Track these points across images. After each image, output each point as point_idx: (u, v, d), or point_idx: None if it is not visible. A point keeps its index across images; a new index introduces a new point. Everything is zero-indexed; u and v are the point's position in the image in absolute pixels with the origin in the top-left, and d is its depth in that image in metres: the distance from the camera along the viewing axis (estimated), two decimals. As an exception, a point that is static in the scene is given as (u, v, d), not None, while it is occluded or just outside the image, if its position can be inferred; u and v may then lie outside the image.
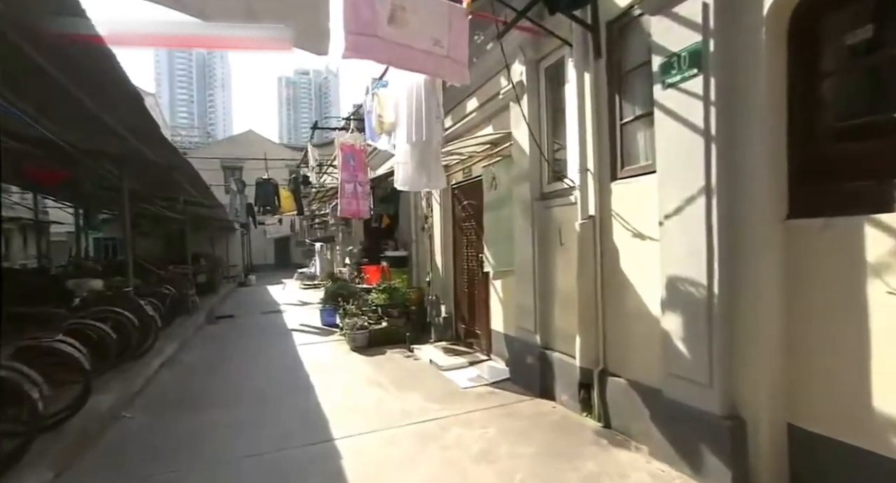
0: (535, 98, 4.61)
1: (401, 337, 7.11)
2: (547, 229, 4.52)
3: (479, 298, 6.24)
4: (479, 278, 6.15)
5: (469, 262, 6.44)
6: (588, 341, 3.81)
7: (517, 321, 4.97)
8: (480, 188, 5.90)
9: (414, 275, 8.39)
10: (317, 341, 7.72)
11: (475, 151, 5.93)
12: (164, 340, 7.10)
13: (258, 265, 25.59)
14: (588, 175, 3.82)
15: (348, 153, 6.91)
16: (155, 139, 5.31)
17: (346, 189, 6.87)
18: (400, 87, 3.98)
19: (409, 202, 8.60)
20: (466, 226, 6.49)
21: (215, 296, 14.01)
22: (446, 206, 7.00)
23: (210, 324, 10.07)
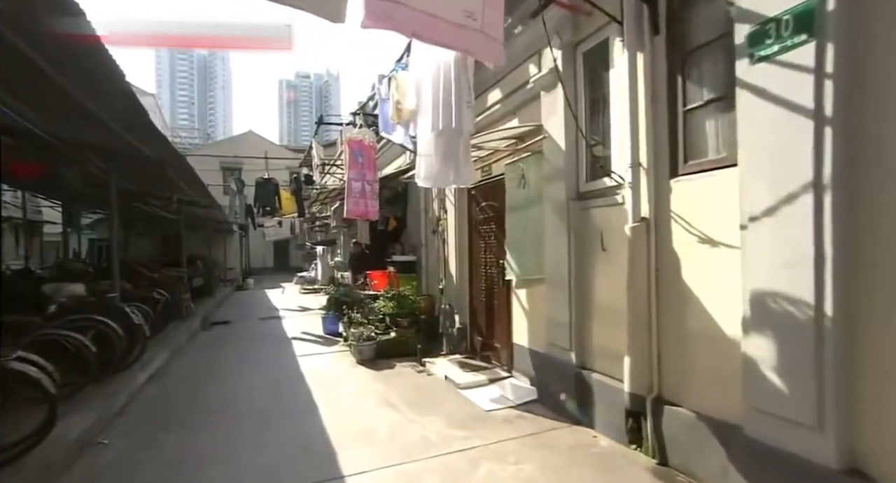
0: (572, 86, 4.11)
1: (410, 349, 6.57)
2: (585, 233, 4.00)
3: (498, 309, 5.71)
4: (499, 287, 5.63)
5: (487, 268, 5.92)
6: (639, 363, 3.28)
7: (547, 336, 4.44)
8: (502, 188, 5.39)
9: (423, 281, 7.86)
10: (319, 352, 7.17)
11: (497, 148, 5.43)
12: (154, 349, 6.54)
13: (256, 268, 25.03)
14: (640, 171, 3.31)
15: (356, 149, 6.40)
16: (145, 130, 4.80)
17: (353, 188, 6.35)
18: (424, 68, 3.48)
19: (419, 204, 8.09)
20: (485, 229, 5.97)
21: (211, 300, 13.45)
22: (462, 208, 6.49)
23: (205, 330, 9.52)
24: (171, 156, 5.72)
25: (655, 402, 3.23)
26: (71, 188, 6.99)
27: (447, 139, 3.40)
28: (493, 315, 5.86)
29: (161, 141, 5.23)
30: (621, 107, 3.52)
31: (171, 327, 8.26)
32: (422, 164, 3.55)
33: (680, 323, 3.09)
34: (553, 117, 4.28)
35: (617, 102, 3.64)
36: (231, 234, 21.79)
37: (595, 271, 3.91)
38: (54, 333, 4.20)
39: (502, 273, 5.46)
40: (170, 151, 5.54)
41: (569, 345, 4.12)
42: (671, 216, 3.16)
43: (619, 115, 3.59)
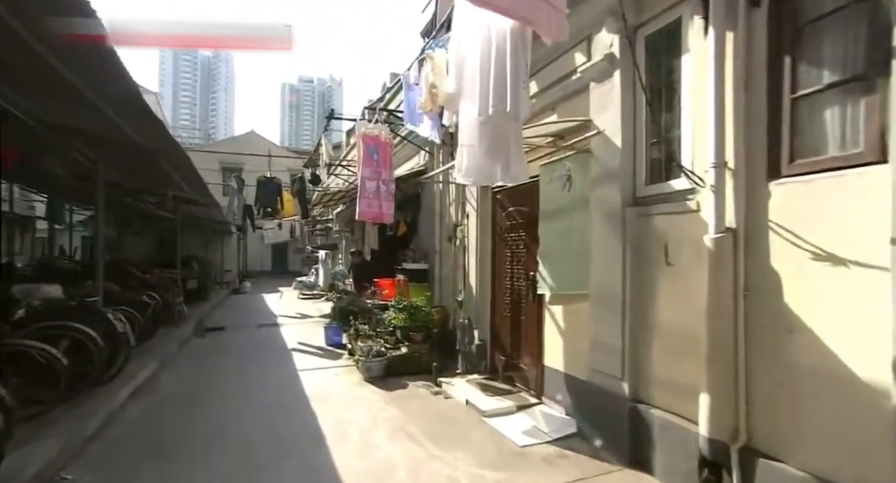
0: (630, 75, 3.58)
1: (424, 366, 5.97)
2: (645, 244, 3.44)
3: (526, 326, 5.13)
4: (528, 301, 5.06)
5: (514, 280, 5.34)
6: (721, 403, 2.70)
7: (591, 360, 3.86)
8: (533, 191, 4.84)
9: (436, 292, 7.28)
10: (321, 366, 6.56)
11: (530, 147, 4.89)
12: (141, 359, 5.92)
13: (254, 271, 24.37)
14: (726, 172, 2.76)
15: (371, 146, 5.85)
16: (138, 115, 4.24)
17: (367, 188, 5.79)
18: (470, 44, 2.93)
19: (433, 208, 7.53)
20: (512, 237, 5.40)
21: (206, 303, 12.81)
22: (485, 213, 5.93)
23: (198, 337, 8.88)
24: (166, 145, 5.15)
25: (744, 452, 2.65)
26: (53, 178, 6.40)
27: (496, 126, 2.84)
28: (519, 332, 5.27)
29: (156, 128, 4.67)
30: (699, 97, 2.98)
31: (161, 334, 7.64)
32: (463, 156, 2.99)
33: (782, 358, 2.52)
34: (606, 112, 3.74)
35: (691, 93, 3.11)
36: (229, 235, 21.17)
37: (657, 289, 3.35)
38: (20, 344, 3.60)
39: (532, 286, 4.89)
40: (166, 140, 4.98)
41: (620, 373, 3.54)
42: (769, 226, 2.60)
43: (695, 107, 3.06)
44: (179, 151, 5.42)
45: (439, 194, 7.39)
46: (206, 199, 9.25)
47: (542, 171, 4.64)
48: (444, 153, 7.20)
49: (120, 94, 3.71)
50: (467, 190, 6.29)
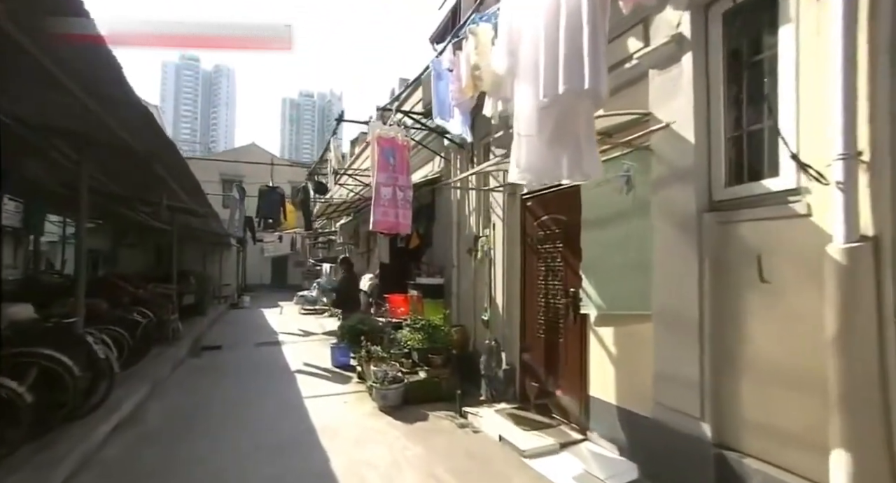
0: (703, 58, 3.05)
1: (445, 393, 5.36)
2: (728, 257, 2.87)
3: (565, 349, 4.52)
4: (568, 321, 4.46)
5: (550, 297, 4.76)
6: (866, 463, 2.10)
7: (658, 394, 3.25)
8: (572, 197, 4.30)
9: (454, 309, 6.67)
10: (329, 392, 5.92)
11: None
12: (129, 384, 5.31)
13: (253, 285, 23.72)
14: (858, 167, 2.20)
15: (387, 148, 5.31)
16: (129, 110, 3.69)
17: (382, 195, 5.23)
18: (528, 12, 2.39)
19: (449, 217, 6.97)
20: (546, 249, 4.83)
21: (203, 319, 12.16)
22: (513, 223, 5.36)
23: (194, 357, 8.24)
24: (161, 147, 4.60)
25: (897, 527, 2.03)
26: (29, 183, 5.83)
27: (564, 110, 2.28)
28: (556, 356, 4.66)
29: (149, 128, 4.12)
30: (811, 77, 2.45)
31: (154, 354, 7.01)
32: (521, 149, 2.42)
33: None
34: (672, 102, 3.20)
35: (797, 72, 2.57)
36: (228, 248, 20.59)
37: (748, 312, 2.76)
38: (-25, 377, 3.00)
39: (574, 304, 4.31)
40: (160, 141, 4.43)
41: (698, 411, 2.93)
42: (925, 233, 2.03)
43: (805, 89, 2.51)
44: (176, 155, 4.86)
45: (456, 203, 6.84)
46: (205, 209, 8.69)
47: (584, 175, 4.09)
48: (463, 158, 6.67)
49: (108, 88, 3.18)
50: (492, 197, 5.74)
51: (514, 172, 2.48)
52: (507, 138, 5.43)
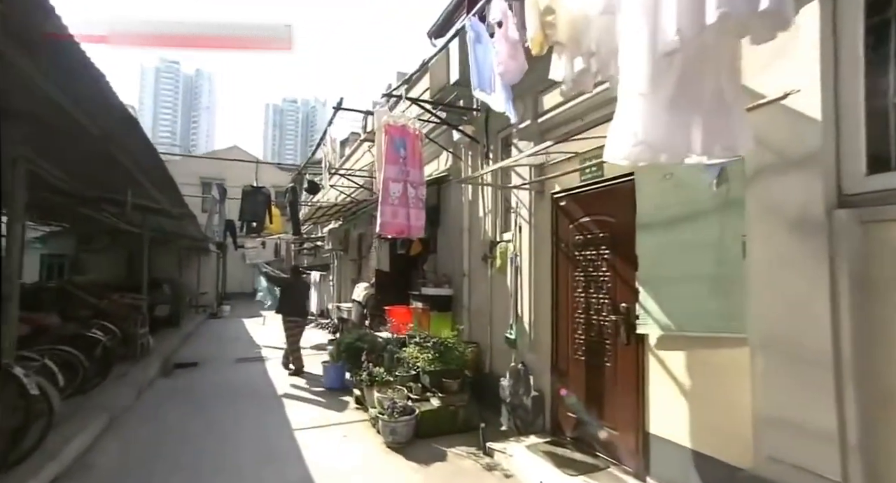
0: (830, 11, 2.39)
1: (461, 424, 4.60)
2: (878, 267, 2.18)
3: (614, 375, 3.79)
4: (618, 342, 3.74)
5: (592, 313, 4.03)
6: None
7: (769, 444, 2.53)
8: (624, 194, 3.64)
9: (465, 323, 5.90)
10: (325, 422, 5.07)
11: None
12: (80, 417, 4.39)
13: (233, 293, 22.48)
14: None
15: (397, 139, 4.57)
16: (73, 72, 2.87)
17: (391, 192, 4.48)
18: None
19: (459, 220, 6.22)
20: (587, 256, 4.12)
21: (178, 332, 11.12)
22: (542, 226, 4.65)
23: (165, 376, 7.27)
24: (124, 131, 3.76)
25: None
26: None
27: (695, 57, 1.57)
28: (600, 382, 3.93)
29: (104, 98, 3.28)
30: None
31: (116, 375, 6.05)
32: (636, 114, 1.68)
33: None
34: (783, 70, 2.52)
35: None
36: (207, 253, 19.44)
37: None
38: None
39: (627, 322, 3.61)
40: (122, 123, 3.59)
41: (839, 473, 2.22)
42: None
43: None
44: (141, 140, 4.01)
45: (468, 205, 6.10)
46: (180, 210, 7.78)
47: (640, 166, 3.41)
48: (475, 154, 5.96)
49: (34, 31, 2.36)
50: (514, 197, 5.02)
51: (623, 148, 1.74)
52: (533, 128, 4.74)
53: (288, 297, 7.71)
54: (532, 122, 4.66)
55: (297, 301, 7.74)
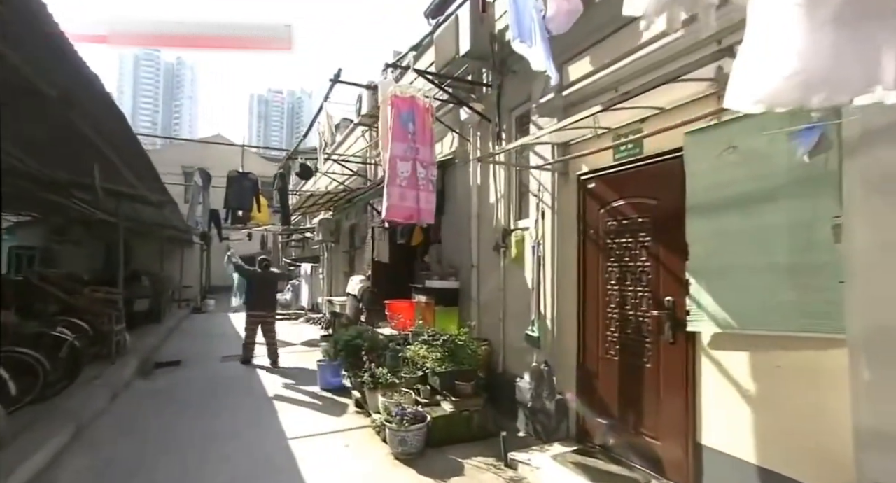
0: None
1: (476, 431, 4.15)
2: None
3: (655, 377, 3.36)
4: (660, 340, 3.31)
5: (628, 308, 3.59)
6: None
7: (879, 464, 2.10)
8: (668, 172, 3.21)
9: (475, 319, 5.44)
10: (323, 429, 4.56)
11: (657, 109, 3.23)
12: (40, 427, 3.83)
13: (218, 287, 21.68)
14: None
15: (405, 113, 4.06)
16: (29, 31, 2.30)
17: (398, 172, 3.97)
18: None
19: (467, 206, 5.73)
20: (622, 244, 3.67)
21: (159, 328, 10.47)
22: (566, 211, 4.18)
23: (144, 377, 6.69)
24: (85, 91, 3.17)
25: None
26: None
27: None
28: (638, 385, 3.49)
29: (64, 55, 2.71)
30: None
31: (87, 378, 5.47)
32: (784, 36, 1.20)
33: None
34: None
35: None
36: (190, 246, 18.65)
37: None
38: None
39: (672, 318, 3.17)
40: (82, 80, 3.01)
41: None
42: None
43: None
44: (105, 100, 3.41)
45: (476, 189, 5.61)
46: (160, 196, 7.14)
47: (691, 140, 2.96)
48: (485, 134, 5.47)
49: None
50: (534, 179, 4.54)
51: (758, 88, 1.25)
52: (557, 102, 4.25)
53: (256, 291, 7.54)
54: (556, 96, 4.17)
55: (267, 293, 7.63)
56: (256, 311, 7.45)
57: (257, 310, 7.47)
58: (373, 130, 9.33)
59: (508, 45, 5.19)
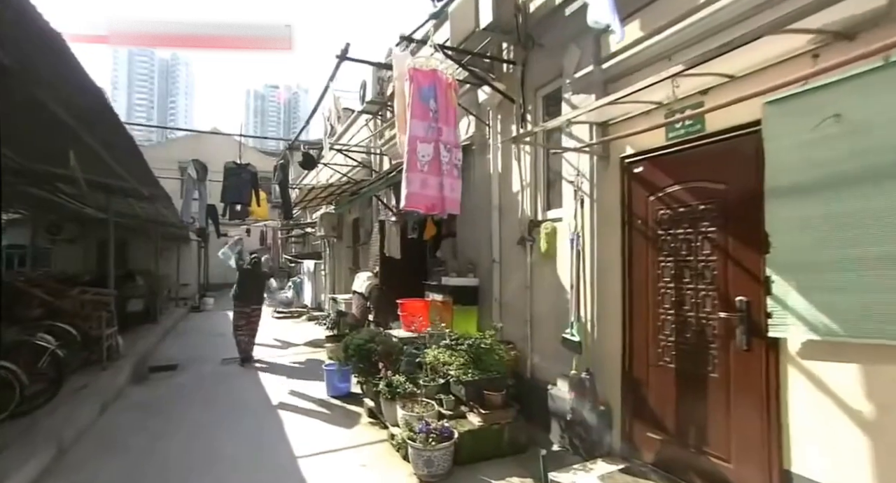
0: None
1: (507, 446, 3.70)
2: None
3: (723, 389, 2.90)
4: (732, 346, 2.84)
5: (688, 308, 3.12)
6: None
7: None
8: (734, 152, 2.80)
9: (496, 319, 4.98)
10: (335, 445, 4.10)
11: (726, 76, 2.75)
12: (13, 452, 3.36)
13: (217, 285, 21.20)
14: None
15: (425, 88, 3.56)
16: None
17: (419, 155, 3.49)
18: None
19: (486, 195, 5.25)
20: (676, 235, 3.19)
21: (156, 328, 9.99)
22: (606, 198, 3.70)
23: (137, 383, 6.23)
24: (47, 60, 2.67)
25: None
26: None
27: None
28: (702, 398, 3.03)
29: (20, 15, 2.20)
30: None
31: (74, 387, 5.00)
32: None
33: None
34: None
35: None
36: (187, 243, 18.14)
37: None
38: None
39: (747, 321, 2.71)
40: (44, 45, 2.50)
41: None
42: None
43: None
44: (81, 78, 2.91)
45: (498, 177, 5.13)
46: (152, 189, 6.64)
47: (773, 111, 2.48)
48: (506, 116, 4.99)
49: None
50: (566, 164, 4.06)
51: None
52: (595, 76, 3.76)
53: (247, 283, 7.70)
54: (594, 69, 3.68)
55: (255, 288, 7.81)
56: (240, 304, 7.58)
57: (241, 302, 7.59)
58: (378, 119, 8.82)
59: (534, 16, 4.77)
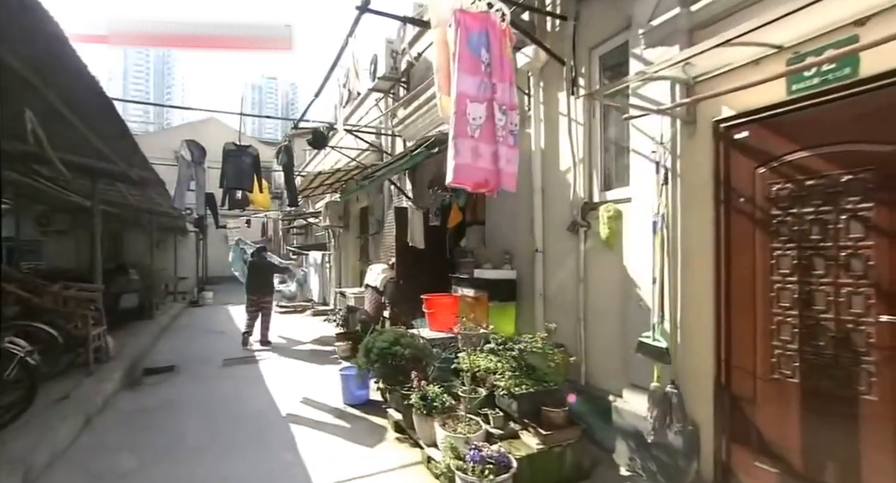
0: None
1: (571, 470, 3.06)
2: None
3: (886, 416, 2.23)
4: (892, 359, 2.17)
5: (820, 308, 2.44)
6: None
7: None
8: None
9: (540, 317, 4.31)
10: (359, 471, 3.43)
11: None
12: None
13: (216, 277, 20.51)
14: None
15: (475, 34, 2.85)
16: None
17: (469, 118, 2.78)
18: None
19: (528, 173, 4.52)
20: (802, 216, 2.51)
21: (151, 325, 9.31)
22: (693, 172, 3.01)
23: (130, 387, 5.58)
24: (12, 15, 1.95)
25: None
26: None
27: None
28: (848, 426, 2.36)
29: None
30: None
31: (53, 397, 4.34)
32: None
33: None
34: None
35: None
36: (184, 234, 17.42)
37: None
38: None
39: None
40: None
41: None
42: None
43: None
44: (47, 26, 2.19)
45: (541, 154, 4.44)
46: (142, 172, 5.92)
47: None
48: (549, 83, 4.29)
49: None
50: (636, 133, 3.35)
51: None
52: (681, 22, 3.05)
53: (252, 276, 8.32)
54: (681, 11, 2.97)
55: (261, 279, 8.29)
56: (252, 296, 8.14)
57: (252, 294, 8.14)
58: (389, 97, 8.09)
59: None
